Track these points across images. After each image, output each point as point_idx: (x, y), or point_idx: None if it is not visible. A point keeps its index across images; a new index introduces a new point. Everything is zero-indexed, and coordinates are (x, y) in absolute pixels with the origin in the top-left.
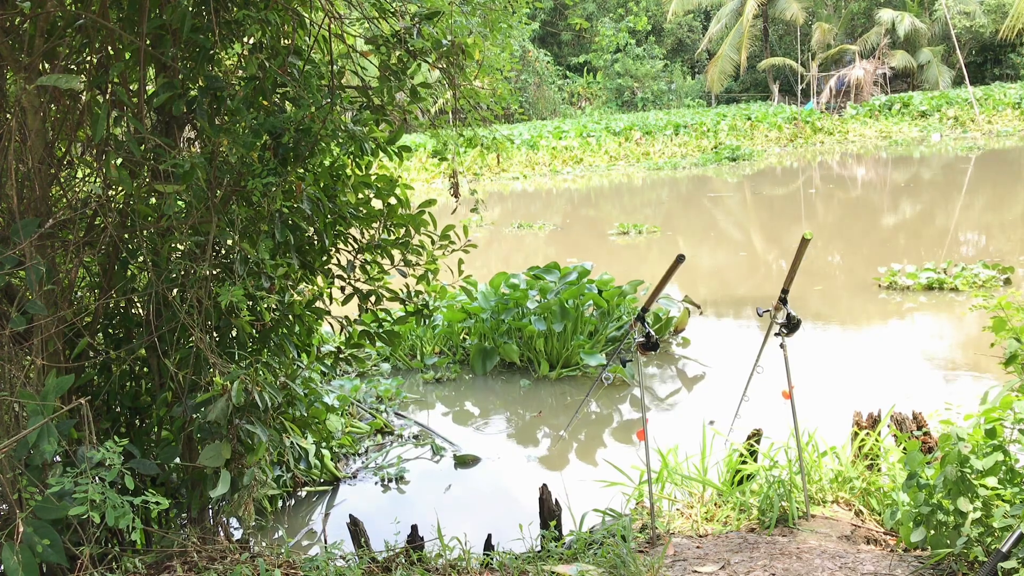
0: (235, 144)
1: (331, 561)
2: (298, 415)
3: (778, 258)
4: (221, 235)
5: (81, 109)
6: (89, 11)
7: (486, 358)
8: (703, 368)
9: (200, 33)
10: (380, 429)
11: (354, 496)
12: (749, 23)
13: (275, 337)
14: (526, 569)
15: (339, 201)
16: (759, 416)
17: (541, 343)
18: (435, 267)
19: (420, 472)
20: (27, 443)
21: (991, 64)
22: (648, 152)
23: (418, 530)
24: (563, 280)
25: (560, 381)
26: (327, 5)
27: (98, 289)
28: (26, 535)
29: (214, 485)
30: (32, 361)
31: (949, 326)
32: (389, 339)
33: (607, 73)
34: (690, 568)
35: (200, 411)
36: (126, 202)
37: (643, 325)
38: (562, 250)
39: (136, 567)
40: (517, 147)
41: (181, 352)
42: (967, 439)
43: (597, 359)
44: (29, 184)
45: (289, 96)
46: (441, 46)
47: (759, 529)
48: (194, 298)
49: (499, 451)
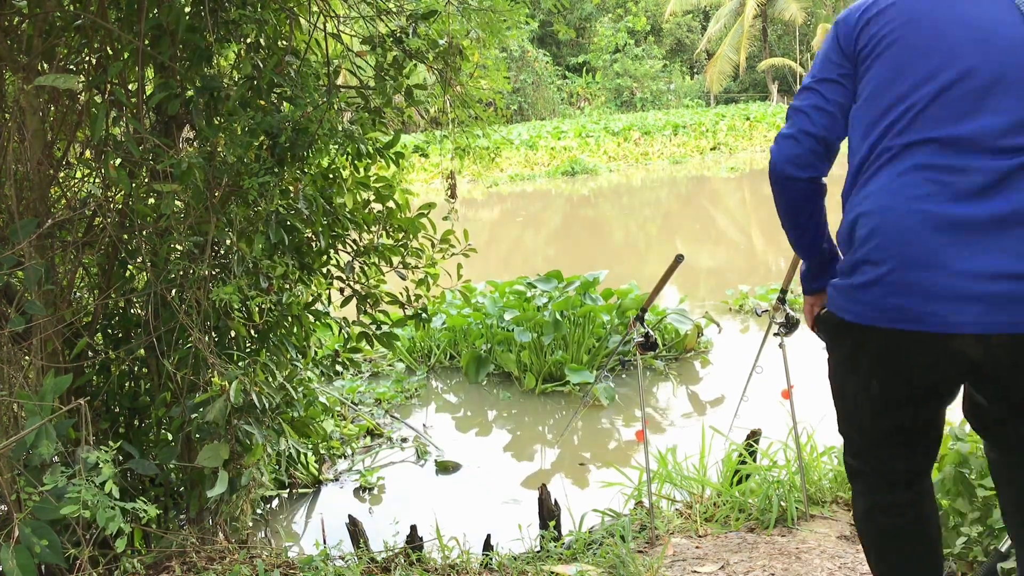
0: (232, 144)
1: (330, 561)
2: (296, 416)
3: (778, 257)
4: (220, 235)
5: (80, 109)
6: (88, 11)
7: (480, 366)
8: (703, 369)
9: (196, 33)
10: (370, 431)
11: (340, 498)
12: (748, 23)
13: (273, 338)
14: (525, 569)
15: (336, 203)
16: (759, 416)
17: (526, 355)
18: (435, 272)
19: (409, 476)
20: (25, 443)
21: None
22: (647, 152)
23: (417, 530)
24: (563, 289)
25: (545, 395)
26: (323, 5)
27: (97, 289)
28: (24, 536)
29: (212, 485)
30: (31, 361)
31: None
32: (387, 342)
33: (606, 73)
34: (689, 568)
35: (199, 411)
36: (125, 202)
37: (642, 325)
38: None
39: (135, 567)
40: (516, 147)
41: (180, 352)
42: (966, 439)
43: (582, 376)
44: (28, 184)
45: (286, 96)
46: (438, 46)
47: (758, 529)
48: (193, 298)
49: (484, 457)
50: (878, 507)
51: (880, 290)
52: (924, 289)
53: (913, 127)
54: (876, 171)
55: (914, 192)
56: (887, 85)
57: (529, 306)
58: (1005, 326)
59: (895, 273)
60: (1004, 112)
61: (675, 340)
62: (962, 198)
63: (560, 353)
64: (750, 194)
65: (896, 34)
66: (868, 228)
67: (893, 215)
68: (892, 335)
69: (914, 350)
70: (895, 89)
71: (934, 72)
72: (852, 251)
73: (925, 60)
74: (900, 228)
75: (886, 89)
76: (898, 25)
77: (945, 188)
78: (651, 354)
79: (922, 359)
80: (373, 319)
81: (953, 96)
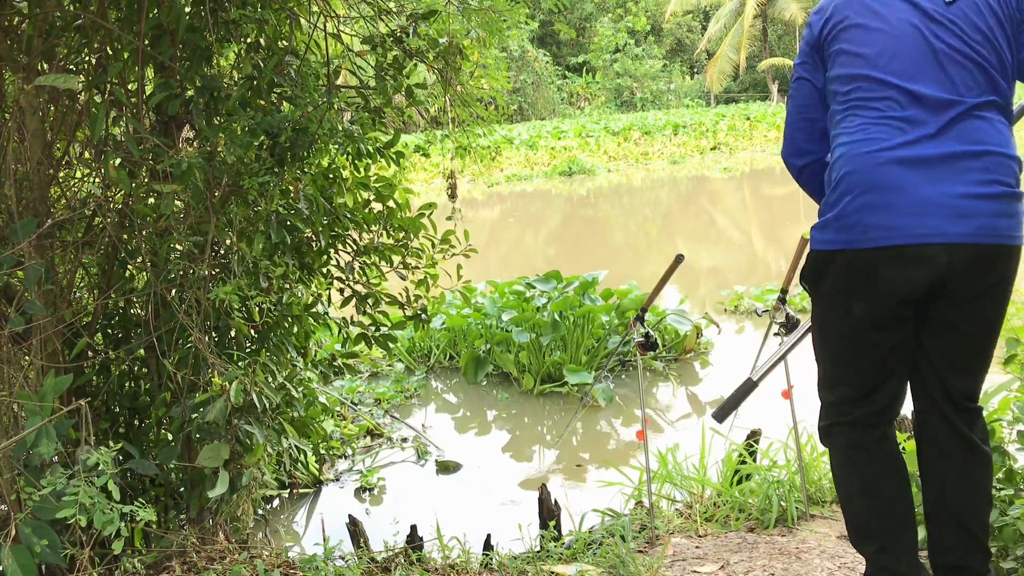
0: (232, 144)
1: (330, 561)
2: (296, 416)
3: (778, 258)
4: (220, 235)
5: (80, 109)
6: (88, 11)
7: (479, 367)
8: (702, 370)
9: (196, 33)
10: (370, 431)
11: (340, 498)
12: (748, 23)
13: (273, 338)
14: (525, 569)
15: (336, 203)
16: (758, 416)
17: (524, 356)
18: (435, 272)
19: (409, 476)
20: (25, 443)
21: None
22: (647, 152)
23: (417, 530)
24: (562, 290)
25: (543, 396)
26: (323, 5)
27: (97, 289)
28: (24, 536)
29: (213, 485)
30: (31, 361)
31: None
32: (386, 343)
33: (606, 73)
34: (689, 568)
35: (199, 411)
36: (125, 202)
37: (642, 325)
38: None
39: (135, 567)
40: (516, 147)
41: (180, 352)
42: None
43: (580, 376)
44: (28, 184)
45: (286, 96)
46: (438, 45)
47: (758, 529)
48: (193, 298)
49: (484, 457)
50: (858, 447)
51: (856, 216)
52: (895, 207)
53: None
54: (845, 121)
55: (878, 137)
56: (852, 59)
57: (528, 306)
58: (970, 236)
59: (866, 196)
60: (930, 78)
61: (675, 341)
62: (920, 142)
63: (559, 354)
64: (750, 194)
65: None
66: (842, 170)
67: (863, 156)
68: (869, 254)
69: (890, 265)
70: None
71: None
72: (830, 191)
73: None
74: (868, 164)
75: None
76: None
77: (903, 134)
78: (651, 355)
79: (899, 273)
80: (373, 320)
81: (901, 65)
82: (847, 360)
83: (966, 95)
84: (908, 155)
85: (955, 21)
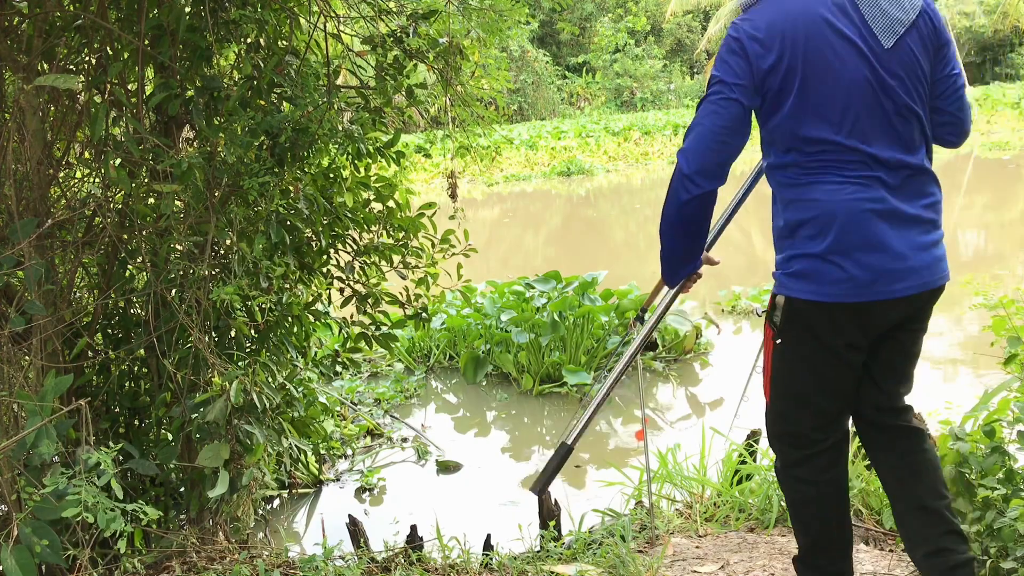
0: (232, 144)
1: (330, 561)
2: (296, 416)
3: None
4: (220, 235)
5: (80, 109)
6: (88, 11)
7: (478, 367)
8: (702, 371)
9: (196, 33)
10: (370, 431)
11: (341, 498)
12: None
13: (273, 338)
14: (525, 569)
15: (336, 203)
16: (759, 416)
17: (524, 356)
18: (435, 271)
19: (409, 476)
20: (25, 444)
21: (990, 64)
22: (647, 152)
23: (417, 530)
24: (562, 290)
25: (543, 396)
26: (323, 5)
27: (97, 289)
28: (24, 536)
29: (213, 485)
30: (31, 361)
31: (949, 324)
32: (385, 343)
33: (606, 73)
34: (689, 568)
35: (199, 411)
36: (125, 202)
37: (642, 325)
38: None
39: (135, 567)
40: (516, 147)
41: (180, 352)
42: (965, 439)
43: (579, 377)
44: (28, 184)
45: (286, 96)
46: (438, 45)
47: (758, 529)
48: (193, 298)
49: (483, 457)
50: (822, 481)
51: (851, 270)
52: (885, 261)
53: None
54: (820, 175)
55: (859, 194)
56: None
57: (527, 307)
58: (936, 280)
59: (858, 251)
60: (885, 137)
61: (674, 341)
62: (893, 197)
63: (558, 354)
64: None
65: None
66: (827, 219)
67: (848, 206)
68: (867, 305)
69: (876, 312)
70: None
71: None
72: (805, 239)
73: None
74: (856, 217)
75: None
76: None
77: (876, 191)
78: (651, 355)
79: (883, 317)
80: (373, 319)
81: (861, 128)
82: (819, 386)
83: (916, 152)
84: (885, 208)
85: (898, 74)
